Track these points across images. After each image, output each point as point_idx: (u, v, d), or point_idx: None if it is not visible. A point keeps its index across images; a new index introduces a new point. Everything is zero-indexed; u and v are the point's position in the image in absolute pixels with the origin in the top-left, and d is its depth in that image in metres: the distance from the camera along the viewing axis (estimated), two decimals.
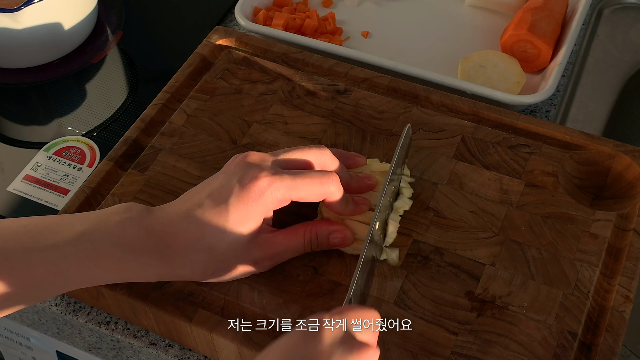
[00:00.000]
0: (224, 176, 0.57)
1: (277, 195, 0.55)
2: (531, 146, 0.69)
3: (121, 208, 0.57)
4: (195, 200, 0.56)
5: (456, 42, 0.89)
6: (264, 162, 0.57)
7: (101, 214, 0.57)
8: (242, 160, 0.57)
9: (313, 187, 0.57)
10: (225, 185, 0.56)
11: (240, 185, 0.55)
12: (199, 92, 0.74)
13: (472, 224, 0.64)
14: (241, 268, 0.58)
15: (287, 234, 0.59)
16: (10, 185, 0.76)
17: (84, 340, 0.68)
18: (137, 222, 0.56)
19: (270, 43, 0.79)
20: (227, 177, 0.57)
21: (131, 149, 0.70)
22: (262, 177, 0.55)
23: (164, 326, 0.61)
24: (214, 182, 0.57)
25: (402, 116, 0.72)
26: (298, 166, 0.58)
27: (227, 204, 0.55)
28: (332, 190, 0.57)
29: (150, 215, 0.56)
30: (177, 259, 0.56)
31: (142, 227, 0.56)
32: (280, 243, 0.59)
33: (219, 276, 0.58)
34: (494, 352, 0.57)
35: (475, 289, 0.60)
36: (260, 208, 0.55)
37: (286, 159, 0.58)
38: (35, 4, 0.80)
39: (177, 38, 0.94)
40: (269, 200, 0.55)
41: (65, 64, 0.89)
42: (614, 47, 0.96)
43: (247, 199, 0.55)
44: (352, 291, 0.52)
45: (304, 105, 0.73)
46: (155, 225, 0.56)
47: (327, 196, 0.58)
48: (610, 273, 0.62)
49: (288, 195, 0.56)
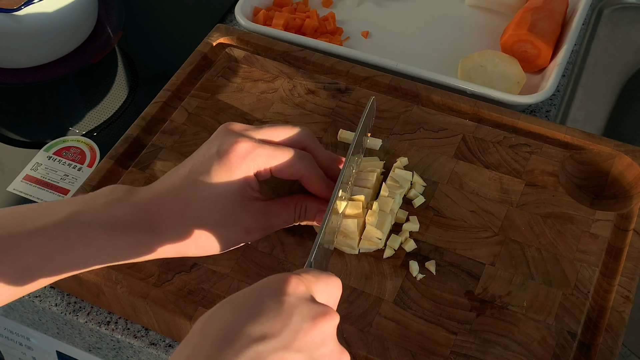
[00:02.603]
0: (206, 146, 0.58)
1: (258, 162, 0.56)
2: (532, 146, 0.69)
3: (107, 190, 0.57)
4: (179, 173, 0.57)
5: (456, 42, 0.89)
6: (245, 131, 0.58)
7: (87, 197, 0.57)
8: (224, 127, 0.58)
9: (291, 162, 0.57)
10: (206, 153, 0.57)
11: (220, 151, 0.56)
12: (200, 90, 0.74)
13: (472, 224, 0.64)
14: (233, 236, 0.58)
15: (279, 204, 0.60)
16: (10, 185, 0.76)
17: (84, 340, 0.68)
18: (124, 200, 0.56)
19: (271, 41, 0.79)
20: (209, 145, 0.57)
21: (132, 147, 0.70)
22: (242, 142, 0.56)
23: (164, 324, 0.61)
24: (197, 153, 0.58)
25: (402, 115, 0.72)
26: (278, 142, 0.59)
27: (209, 171, 0.56)
28: (309, 169, 0.58)
29: (136, 193, 0.57)
30: (166, 232, 0.56)
31: (129, 204, 0.56)
32: (273, 213, 0.59)
33: (211, 247, 0.58)
34: (493, 351, 0.57)
35: (475, 288, 0.60)
36: (241, 173, 0.56)
37: (267, 133, 0.59)
38: (35, 3, 0.80)
39: (177, 38, 0.94)
40: (251, 166, 0.56)
41: (65, 64, 0.88)
42: (614, 47, 0.96)
43: (229, 164, 0.55)
44: (313, 255, 0.51)
45: (304, 104, 0.73)
46: (142, 202, 0.56)
47: (304, 169, 0.58)
48: (610, 273, 0.62)
49: (268, 164, 0.57)
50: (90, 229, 0.54)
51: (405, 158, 0.68)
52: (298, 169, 0.58)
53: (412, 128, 0.71)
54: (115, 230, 0.55)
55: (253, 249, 0.62)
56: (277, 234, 0.63)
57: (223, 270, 0.61)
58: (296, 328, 0.43)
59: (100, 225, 0.55)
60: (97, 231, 0.54)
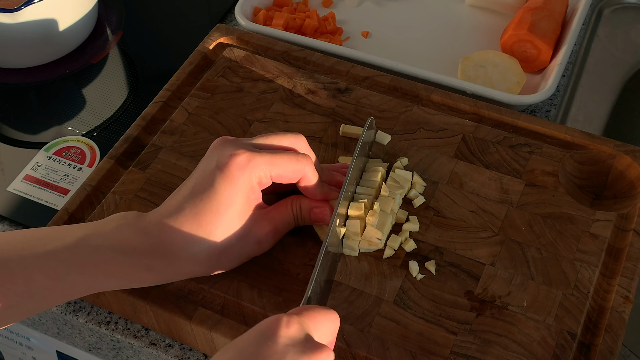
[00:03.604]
0: (203, 164, 0.58)
1: (259, 171, 0.56)
2: (532, 146, 0.69)
3: (117, 216, 0.57)
4: (182, 192, 0.57)
5: (456, 42, 0.89)
6: (239, 142, 0.58)
7: (98, 222, 0.57)
8: (218, 142, 0.58)
9: (290, 164, 0.58)
10: (206, 169, 0.57)
11: (220, 165, 0.56)
12: (200, 90, 0.74)
13: (472, 224, 0.64)
14: (246, 250, 0.58)
15: (279, 207, 0.60)
16: (10, 185, 0.76)
17: (84, 340, 0.68)
18: (133, 226, 0.56)
19: (271, 41, 0.79)
20: (206, 162, 0.57)
21: (132, 146, 0.70)
22: (240, 153, 0.56)
23: (164, 324, 0.61)
24: (196, 172, 0.58)
25: (402, 115, 0.72)
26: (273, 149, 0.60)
27: (212, 185, 0.56)
28: (307, 169, 0.59)
29: (144, 219, 0.57)
30: (178, 254, 0.56)
31: (138, 229, 0.56)
32: (276, 217, 0.59)
33: (225, 264, 0.58)
34: (493, 352, 0.57)
35: (475, 288, 0.60)
36: (244, 183, 0.56)
37: (261, 142, 0.59)
38: (35, 3, 0.80)
39: (177, 38, 0.94)
40: (252, 175, 0.56)
41: (65, 64, 0.89)
42: (614, 47, 0.96)
43: (230, 176, 0.56)
44: (310, 290, 0.52)
45: (304, 104, 0.73)
46: (151, 226, 0.56)
47: (303, 174, 0.59)
48: (610, 273, 0.62)
49: (268, 172, 0.57)
50: (100, 252, 0.54)
51: (405, 158, 0.68)
52: (296, 172, 0.58)
53: (412, 128, 0.71)
54: (125, 255, 0.55)
55: None
56: None
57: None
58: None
59: (110, 248, 0.55)
60: (107, 255, 0.54)
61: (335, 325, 0.49)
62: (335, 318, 0.49)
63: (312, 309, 0.48)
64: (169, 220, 0.56)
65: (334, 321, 0.49)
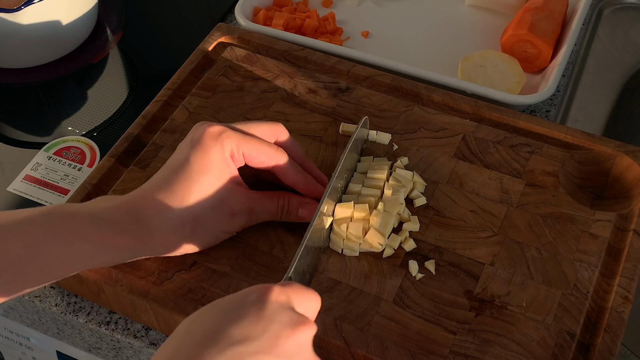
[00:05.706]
0: (181, 143, 0.60)
1: (230, 142, 0.58)
2: (532, 146, 0.69)
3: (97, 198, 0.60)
4: (162, 171, 0.60)
5: (456, 42, 0.89)
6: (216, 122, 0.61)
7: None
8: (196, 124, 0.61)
9: (262, 146, 0.60)
10: (181, 146, 0.60)
11: (194, 139, 0.59)
12: (201, 89, 0.74)
13: (472, 223, 0.64)
14: (219, 219, 0.59)
15: (263, 194, 0.62)
16: (10, 185, 0.76)
17: (84, 340, 0.68)
18: (110, 198, 0.59)
19: (272, 41, 0.79)
20: (184, 141, 0.60)
21: (133, 145, 0.70)
22: (213, 125, 0.59)
23: (164, 322, 0.61)
24: (175, 152, 0.60)
25: (403, 114, 0.72)
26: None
27: (187, 158, 0.58)
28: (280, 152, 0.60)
29: (124, 195, 0.59)
30: (152, 219, 0.57)
31: (114, 200, 0.58)
32: (255, 197, 0.61)
33: (200, 235, 0.59)
34: (492, 351, 0.57)
35: (474, 288, 0.60)
36: (217, 153, 0.58)
37: (241, 125, 0.61)
38: (35, 3, 0.80)
39: (177, 38, 0.94)
40: (225, 146, 0.58)
41: (65, 64, 0.88)
42: (614, 47, 0.96)
43: (204, 145, 0.58)
44: (292, 268, 0.53)
45: (305, 103, 0.73)
46: (129, 198, 0.58)
47: (277, 157, 0.60)
48: (610, 274, 0.62)
49: (240, 147, 0.59)
50: (76, 217, 0.55)
51: (405, 158, 0.68)
52: (270, 156, 0.60)
53: (412, 128, 0.71)
54: (102, 221, 0.56)
55: (253, 247, 0.62)
56: (277, 233, 0.63)
57: (223, 268, 0.61)
58: (276, 334, 0.45)
59: (86, 214, 0.56)
60: (83, 219, 0.55)
61: (317, 305, 0.50)
62: (318, 299, 0.50)
63: (297, 285, 0.49)
64: (144, 192, 0.58)
65: (316, 301, 0.50)
